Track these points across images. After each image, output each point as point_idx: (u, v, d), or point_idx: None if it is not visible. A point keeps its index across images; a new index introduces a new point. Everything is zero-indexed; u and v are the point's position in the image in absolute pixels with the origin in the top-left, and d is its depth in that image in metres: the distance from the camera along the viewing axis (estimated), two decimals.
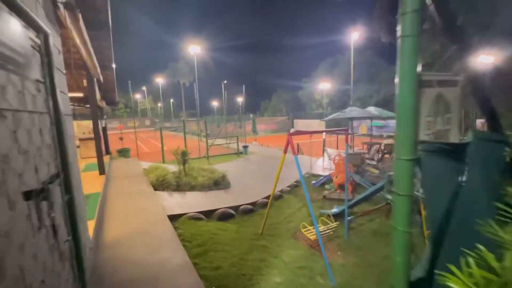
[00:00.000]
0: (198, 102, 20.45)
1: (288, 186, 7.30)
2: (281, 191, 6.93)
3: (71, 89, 7.78)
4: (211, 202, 5.36)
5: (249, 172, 9.46)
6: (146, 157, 14.16)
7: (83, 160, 8.70)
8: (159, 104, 55.15)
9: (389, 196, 5.31)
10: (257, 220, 4.96)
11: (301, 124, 42.77)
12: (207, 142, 13.12)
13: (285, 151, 3.73)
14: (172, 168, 8.50)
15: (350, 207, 4.91)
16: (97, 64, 4.71)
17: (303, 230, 4.12)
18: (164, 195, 5.41)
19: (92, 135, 9.80)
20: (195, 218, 4.32)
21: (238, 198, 5.96)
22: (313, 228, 3.94)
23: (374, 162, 8.46)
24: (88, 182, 5.45)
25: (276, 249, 3.77)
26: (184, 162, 7.18)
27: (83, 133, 10.05)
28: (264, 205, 5.71)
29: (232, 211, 4.94)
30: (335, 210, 5.17)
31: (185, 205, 4.87)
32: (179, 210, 4.53)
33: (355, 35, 19.04)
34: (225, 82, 39.70)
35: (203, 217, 4.46)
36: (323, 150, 13.09)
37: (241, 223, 4.68)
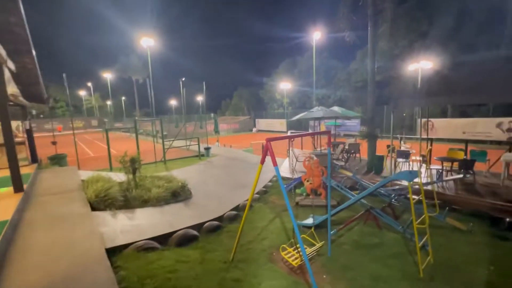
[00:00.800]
0: (153, 99, 18.60)
1: (257, 193, 6.63)
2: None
3: None
4: (167, 221, 4.39)
5: (213, 178, 8.56)
6: (91, 164, 12.17)
7: None
8: (109, 102, 49.92)
9: (364, 201, 5.02)
10: (225, 239, 4.18)
11: (263, 123, 42.82)
12: (163, 144, 11.77)
13: (263, 161, 3.03)
14: (121, 177, 7.18)
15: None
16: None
17: (283, 254, 3.47)
18: (105, 216, 4.26)
19: (21, 138, 7.88)
20: (146, 248, 3.35)
21: (201, 212, 5.07)
22: (295, 251, 3.32)
23: (341, 163, 8.31)
24: None
25: (252, 282, 3.05)
26: (134, 170, 6.00)
27: None
28: (232, 218, 4.95)
29: (195, 232, 4.07)
30: (309, 220, 4.66)
31: (133, 230, 3.82)
32: (123, 238, 3.49)
33: (317, 35, 19.27)
34: (183, 79, 37.53)
35: (157, 245, 3.50)
36: (288, 151, 12.82)
37: (206, 247, 3.84)
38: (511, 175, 7.04)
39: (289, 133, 13.41)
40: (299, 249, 3.29)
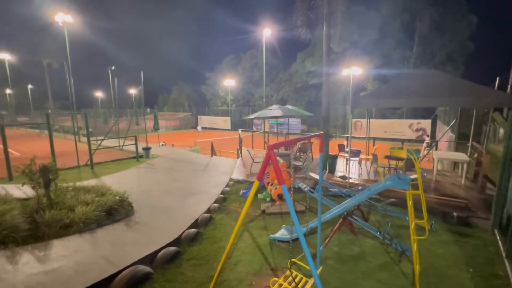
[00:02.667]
0: (72, 89, 15.25)
1: (215, 202, 5.77)
2: (209, 209, 5.34)
3: None
4: (104, 257, 3.16)
5: (158, 185, 7.25)
6: None
7: None
8: (8, 91, 39.83)
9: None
10: (188, 271, 3.24)
11: (205, 120, 41.12)
12: (89, 144, 9.57)
13: (261, 177, 2.27)
14: (26, 190, 5.26)
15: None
16: None
17: None
18: None
19: None
20: None
21: (150, 235, 3.95)
22: (286, 283, 2.67)
23: (299, 163, 8.12)
24: None
25: None
26: (47, 183, 4.36)
27: None
28: (192, 239, 4.00)
29: (147, 268, 3.00)
30: (282, 231, 4.10)
31: (45, 282, 2.50)
32: None
33: (267, 31, 19.04)
34: (113, 68, 32.74)
35: None
36: (239, 150, 12.17)
37: None
38: (439, 171, 8.05)
39: (240, 132, 12.72)
40: (296, 280, 2.67)
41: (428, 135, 21.12)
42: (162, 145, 15.86)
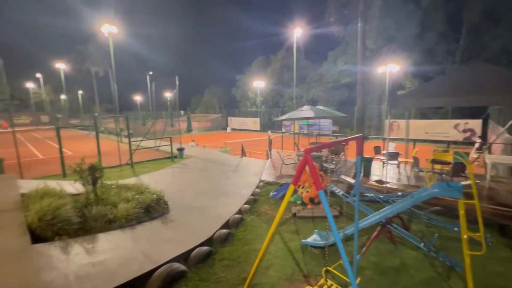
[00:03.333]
0: (116, 94, 16.60)
1: (246, 203, 5.80)
2: (240, 211, 5.38)
3: None
4: (143, 252, 3.34)
5: (191, 185, 7.51)
6: (39, 169, 10.20)
7: None
8: (63, 96, 44.66)
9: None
10: (220, 271, 3.29)
11: (235, 121, 41.83)
12: (130, 144, 10.29)
13: (296, 181, 2.21)
14: (77, 186, 5.81)
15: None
16: None
17: None
18: (51, 252, 3.08)
19: None
20: None
21: (185, 234, 4.10)
22: None
23: (332, 166, 7.83)
24: None
25: None
26: (94, 181, 4.77)
27: None
28: (224, 239, 4.06)
29: (182, 266, 3.11)
30: (315, 236, 3.96)
31: (94, 274, 2.74)
32: None
33: (298, 31, 18.78)
34: (151, 73, 34.89)
35: None
36: (268, 151, 12.13)
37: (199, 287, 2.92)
38: (493, 177, 7.17)
39: (269, 133, 12.68)
40: None
41: (479, 137, 19.06)
42: (193, 145, 16.45)
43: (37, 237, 3.38)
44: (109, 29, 16.92)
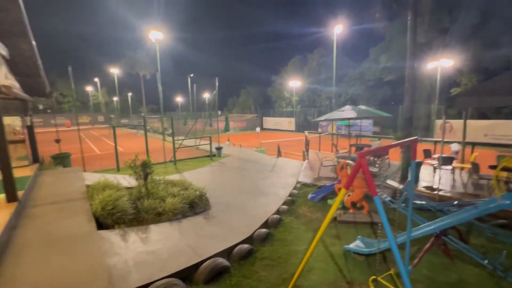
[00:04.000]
0: (161, 95, 17.85)
1: (284, 204, 5.79)
2: (278, 211, 5.40)
3: None
4: (190, 245, 3.56)
5: (229, 183, 7.75)
6: (97, 163, 11.47)
7: None
8: (115, 98, 49.47)
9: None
10: (261, 270, 3.35)
11: (270, 122, 41.93)
12: (173, 143, 10.99)
13: (349, 185, 2.16)
14: (129, 180, 6.42)
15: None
16: None
17: None
18: (113, 238, 3.46)
19: (21, 137, 7.17)
20: None
21: (226, 231, 4.25)
22: None
23: (376, 169, 7.40)
24: None
25: None
26: (146, 176, 5.21)
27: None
28: (264, 239, 4.12)
29: (225, 261, 3.24)
30: (358, 243, 3.78)
31: (148, 261, 3.01)
32: (138, 277, 2.66)
33: (338, 28, 18.11)
34: (192, 75, 36.76)
35: (181, 284, 2.67)
36: (305, 152, 11.91)
37: (241, 284, 3.02)
38: None
39: (306, 133, 12.46)
40: None
41: None
42: (228, 145, 16.90)
43: (100, 224, 3.83)
44: (155, 35, 18.27)
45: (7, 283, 2.31)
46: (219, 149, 12.49)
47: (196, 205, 5.15)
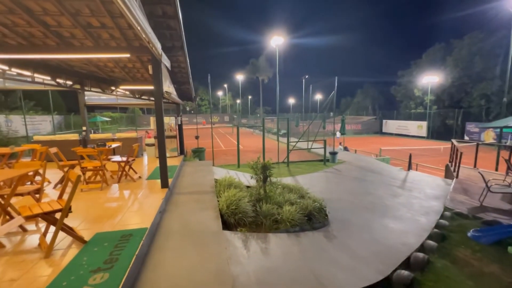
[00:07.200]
0: (278, 98, 18.62)
1: (429, 238, 4.35)
2: (422, 246, 4.08)
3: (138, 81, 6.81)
4: (312, 270, 3.07)
5: (348, 195, 6.79)
6: (222, 158, 13.16)
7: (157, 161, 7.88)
8: (238, 101, 56.82)
9: None
10: None
11: (392, 125, 36.12)
12: (288, 144, 10.99)
13: None
14: (248, 179, 6.71)
15: None
16: (150, 35, 3.10)
17: None
18: (235, 241, 3.47)
19: (174, 133, 9.05)
20: None
21: (353, 259, 3.50)
22: None
23: None
24: (140, 204, 4.05)
25: None
26: (265, 179, 5.18)
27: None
28: (407, 286, 3.08)
29: None
30: None
31: (270, 281, 2.72)
32: None
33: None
34: (307, 76, 36.82)
35: None
36: (450, 167, 9.03)
37: None
38: None
39: (454, 142, 9.45)
40: None
41: None
42: (341, 149, 15.44)
43: (225, 222, 3.99)
44: (277, 40, 19.15)
45: (154, 269, 2.57)
46: (333, 154, 11.54)
47: (314, 218, 4.65)
